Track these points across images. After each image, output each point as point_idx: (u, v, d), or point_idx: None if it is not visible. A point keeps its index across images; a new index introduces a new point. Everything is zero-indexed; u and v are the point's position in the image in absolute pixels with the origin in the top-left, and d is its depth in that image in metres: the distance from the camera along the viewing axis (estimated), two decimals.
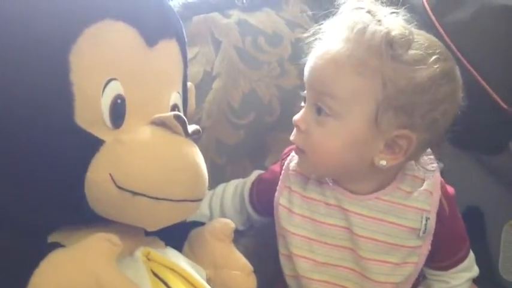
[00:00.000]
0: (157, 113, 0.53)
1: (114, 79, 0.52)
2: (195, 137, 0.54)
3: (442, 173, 0.67)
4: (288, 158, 0.66)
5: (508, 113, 0.75)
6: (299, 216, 0.62)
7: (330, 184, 0.62)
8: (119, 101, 0.52)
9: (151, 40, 0.55)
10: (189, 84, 0.65)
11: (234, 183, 0.73)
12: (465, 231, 0.66)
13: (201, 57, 0.78)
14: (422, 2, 0.81)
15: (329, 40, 0.58)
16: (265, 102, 0.82)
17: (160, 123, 0.52)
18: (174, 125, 0.52)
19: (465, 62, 0.76)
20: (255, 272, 0.62)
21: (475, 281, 0.68)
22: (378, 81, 0.55)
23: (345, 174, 0.61)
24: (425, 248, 0.61)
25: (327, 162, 0.59)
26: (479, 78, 0.76)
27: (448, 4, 0.80)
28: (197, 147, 0.55)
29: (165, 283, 0.54)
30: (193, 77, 0.74)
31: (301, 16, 0.87)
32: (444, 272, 0.65)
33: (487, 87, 0.76)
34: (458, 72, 0.59)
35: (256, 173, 0.72)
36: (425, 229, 0.60)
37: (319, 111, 0.58)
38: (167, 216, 0.53)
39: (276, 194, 0.65)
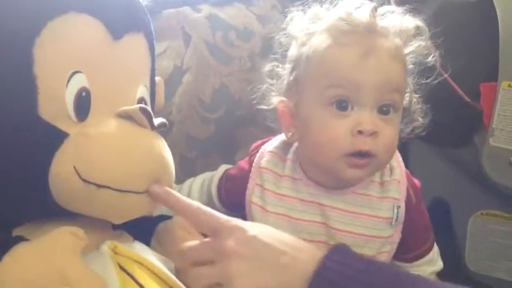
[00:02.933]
0: (123, 106, 0.53)
1: (79, 72, 0.52)
2: (161, 129, 0.54)
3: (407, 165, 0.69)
4: (257, 155, 0.66)
5: (471, 106, 0.77)
6: (274, 214, 0.62)
7: (304, 180, 0.63)
8: (83, 93, 0.52)
9: (117, 33, 0.55)
10: (157, 78, 0.64)
11: (200, 177, 0.73)
12: (430, 225, 0.67)
13: (171, 52, 0.79)
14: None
15: (365, 37, 0.57)
16: (236, 96, 0.83)
17: (126, 116, 0.52)
18: (140, 118, 0.52)
19: None
20: None
21: (442, 272, 0.69)
22: (406, 65, 0.60)
23: None
24: (397, 236, 0.62)
25: (391, 158, 0.60)
26: (443, 72, 0.75)
27: (412, 1, 0.78)
28: (163, 140, 0.55)
29: (132, 277, 0.53)
30: (163, 71, 0.75)
31: (271, 11, 0.88)
32: (408, 264, 0.66)
33: (451, 81, 0.77)
34: None
35: (223, 168, 0.72)
36: (397, 217, 0.61)
37: (385, 111, 0.58)
38: (133, 208, 0.53)
39: (247, 192, 0.64)
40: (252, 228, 0.53)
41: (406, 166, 0.77)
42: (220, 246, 0.51)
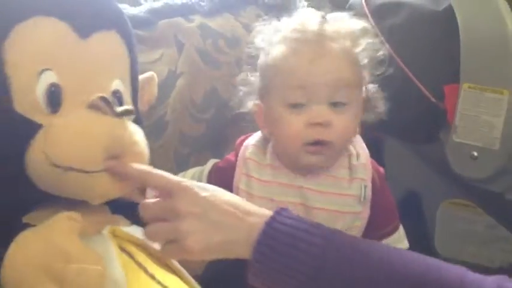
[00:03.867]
0: None
1: (48, 69, 0.54)
2: (126, 116, 0.56)
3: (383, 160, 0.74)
4: (242, 148, 0.69)
5: (436, 106, 0.79)
6: (259, 198, 0.66)
7: (282, 167, 0.67)
8: (53, 88, 0.54)
9: (84, 32, 0.56)
10: (150, 73, 0.67)
11: (191, 171, 0.75)
12: (395, 208, 0.71)
13: (165, 58, 0.81)
14: (364, 9, 0.86)
15: (315, 43, 0.64)
16: (225, 98, 0.84)
17: (93, 106, 0.54)
18: (100, 106, 0.54)
19: (399, 61, 0.80)
20: None
21: None
22: (360, 64, 0.65)
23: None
24: (366, 212, 0.66)
25: (346, 144, 0.66)
26: (411, 75, 0.79)
27: (385, 10, 0.84)
28: (128, 125, 0.56)
29: (132, 256, 0.56)
30: (158, 75, 0.74)
31: (257, 20, 0.85)
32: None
33: (419, 84, 0.79)
34: None
35: (211, 162, 0.74)
36: (365, 195, 0.66)
37: (337, 104, 0.63)
38: (102, 187, 0.54)
39: (235, 180, 0.67)
40: (203, 190, 0.54)
41: (382, 161, 0.79)
42: (173, 205, 0.53)
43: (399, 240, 0.71)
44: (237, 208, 0.54)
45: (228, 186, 0.67)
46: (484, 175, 0.78)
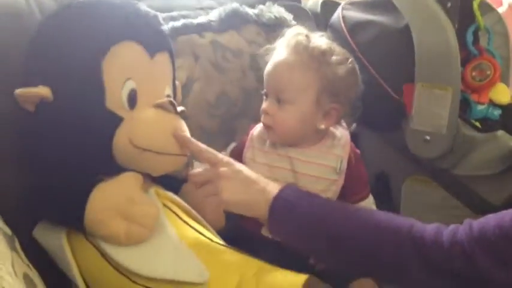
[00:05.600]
0: (157, 100, 0.67)
1: (130, 79, 0.65)
2: (182, 114, 0.68)
3: (355, 136, 0.84)
4: (253, 129, 0.82)
5: (398, 101, 0.89)
6: (260, 164, 0.78)
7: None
8: (132, 92, 0.65)
9: (152, 53, 0.67)
10: (177, 82, 0.76)
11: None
12: (367, 180, 0.82)
13: (184, 66, 0.89)
14: (341, 25, 0.96)
15: (281, 53, 0.75)
16: (232, 98, 0.94)
17: (159, 106, 0.66)
18: (168, 107, 0.66)
19: (370, 68, 0.90)
20: None
21: None
22: (316, 77, 0.74)
23: (298, 138, 0.78)
24: (341, 181, 0.77)
25: (288, 133, 0.76)
26: (379, 78, 0.90)
27: (358, 28, 0.94)
28: (183, 121, 0.68)
29: (170, 209, 0.68)
30: (179, 80, 0.83)
31: (256, 36, 0.98)
32: None
33: (384, 84, 0.90)
34: (358, 70, 0.79)
35: (233, 144, 0.86)
36: (340, 167, 0.77)
37: (278, 101, 0.74)
38: (166, 164, 0.67)
39: (244, 150, 0.80)
40: (238, 165, 0.69)
41: (358, 147, 0.88)
42: (217, 171, 0.67)
43: (369, 205, 0.84)
44: (259, 179, 0.69)
45: (239, 159, 0.80)
46: (435, 154, 0.88)
